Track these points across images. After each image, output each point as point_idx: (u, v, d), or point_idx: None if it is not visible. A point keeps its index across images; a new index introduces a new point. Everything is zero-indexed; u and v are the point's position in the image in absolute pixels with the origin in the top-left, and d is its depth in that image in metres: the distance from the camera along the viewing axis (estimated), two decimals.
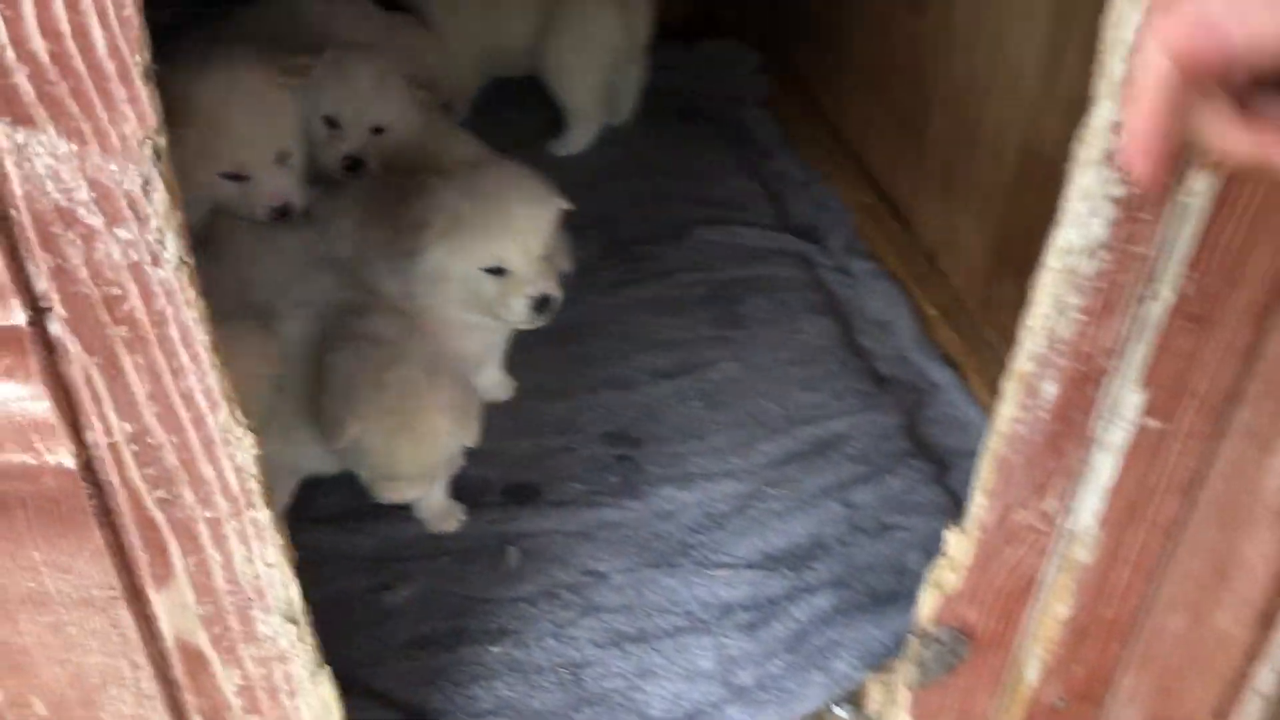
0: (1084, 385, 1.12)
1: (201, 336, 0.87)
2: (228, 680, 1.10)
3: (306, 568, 1.57)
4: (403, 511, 1.65)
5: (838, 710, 1.48)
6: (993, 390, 1.88)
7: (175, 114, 1.63)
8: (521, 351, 1.89)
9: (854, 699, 1.49)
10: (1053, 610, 1.34)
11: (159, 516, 0.96)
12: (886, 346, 2.03)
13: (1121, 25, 0.89)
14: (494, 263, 1.61)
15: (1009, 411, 1.13)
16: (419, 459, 1.50)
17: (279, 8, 2.05)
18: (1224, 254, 1.04)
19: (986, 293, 2.01)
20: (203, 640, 1.06)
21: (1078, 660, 1.41)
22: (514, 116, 2.50)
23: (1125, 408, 1.15)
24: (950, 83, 2.06)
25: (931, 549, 1.60)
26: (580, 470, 1.76)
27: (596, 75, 2.45)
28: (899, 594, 1.56)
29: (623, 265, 2.18)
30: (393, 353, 1.50)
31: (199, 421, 0.91)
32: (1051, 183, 1.22)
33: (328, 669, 1.13)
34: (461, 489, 1.69)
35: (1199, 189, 0.98)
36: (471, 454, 1.59)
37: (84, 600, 1.00)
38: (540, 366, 1.91)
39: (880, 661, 1.47)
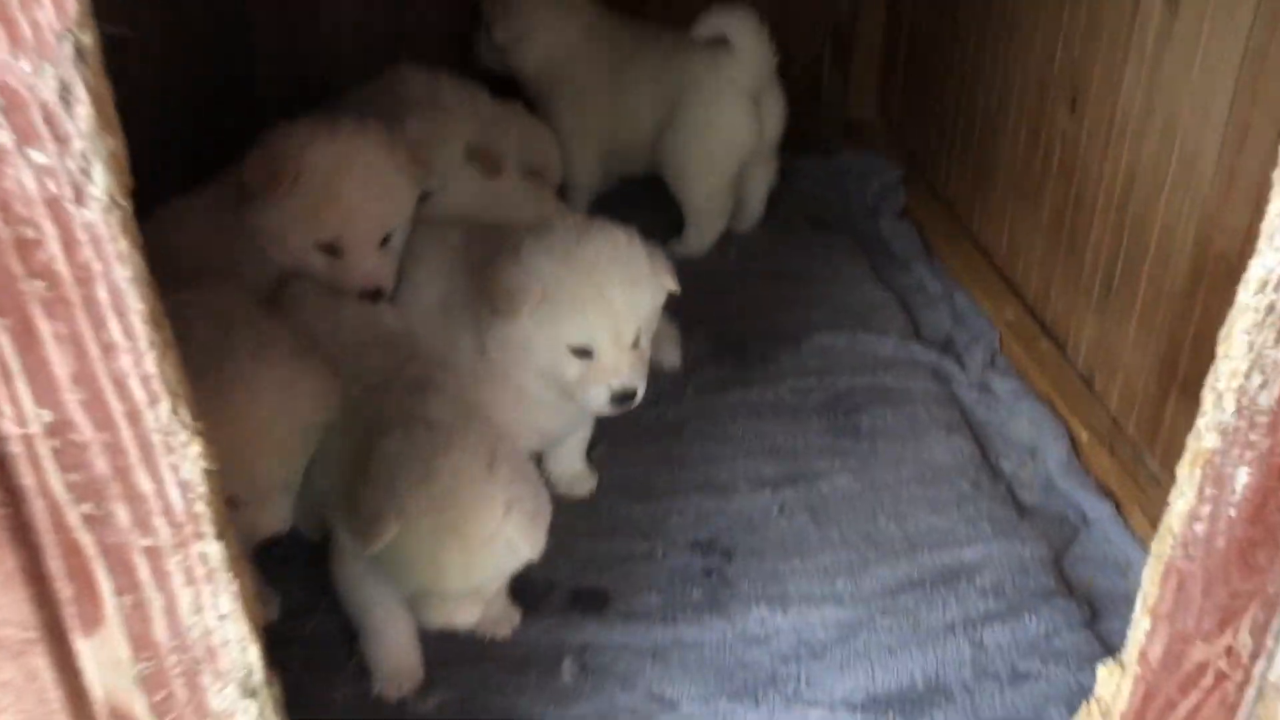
0: None
1: (137, 304, 0.69)
2: None
3: (318, 658, 1.40)
4: None
5: None
6: (1157, 527, 1.57)
7: (284, 174, 1.58)
8: (608, 442, 1.69)
9: None
10: None
11: (85, 538, 0.77)
12: (1031, 472, 1.75)
13: None
14: (582, 342, 1.44)
15: (1186, 505, 0.87)
16: (470, 571, 1.23)
17: (386, 90, 1.98)
18: None
19: (1151, 416, 1.72)
20: (139, 708, 0.86)
21: None
22: (632, 216, 2.36)
23: None
24: (1112, 182, 1.82)
25: (1076, 704, 1.29)
26: (660, 580, 1.53)
27: (722, 175, 2.30)
28: None
29: (731, 366, 1.98)
30: (448, 438, 1.26)
31: (134, 416, 0.73)
32: (1228, 287, 0.95)
33: None
34: (521, 588, 1.46)
35: None
36: None
37: None
38: (627, 462, 1.71)
39: None
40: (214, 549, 0.79)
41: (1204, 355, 1.54)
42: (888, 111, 2.84)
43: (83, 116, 0.64)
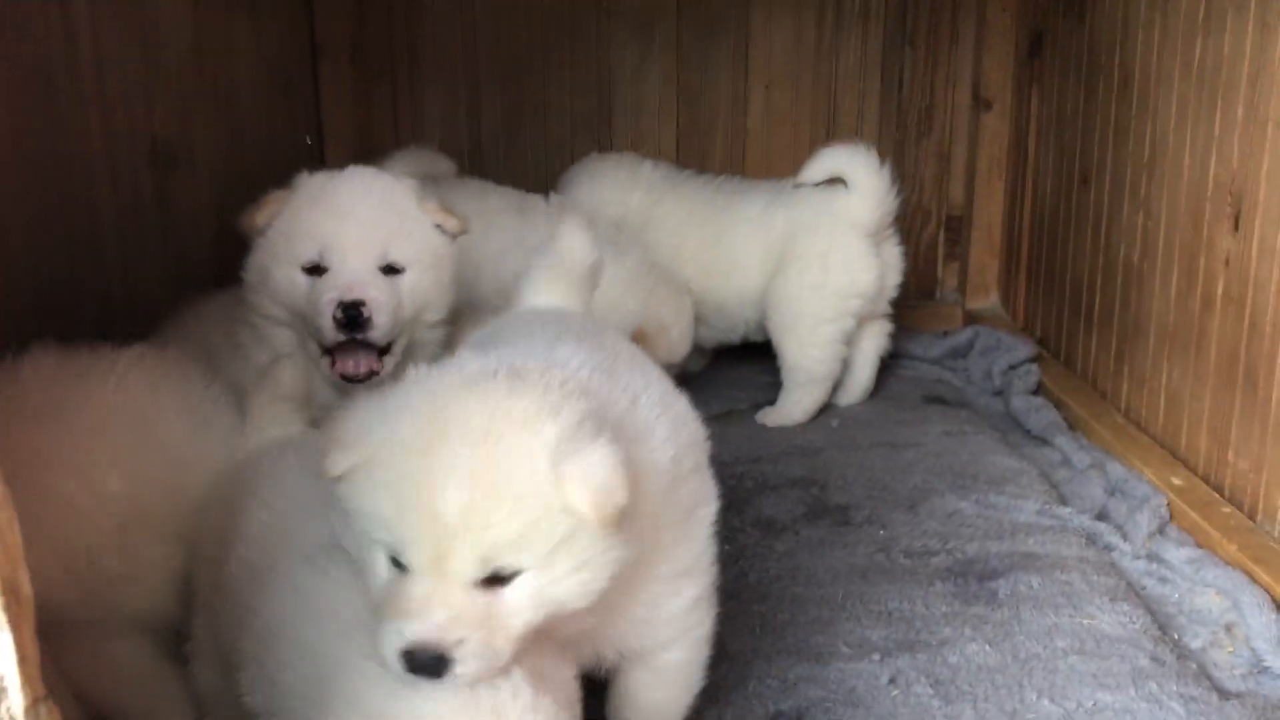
0: None
1: None
2: None
3: None
4: None
5: None
6: None
7: (269, 201, 1.37)
8: None
9: None
10: None
11: None
12: (1229, 649, 1.32)
13: None
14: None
15: None
16: None
17: None
18: None
19: None
20: None
21: None
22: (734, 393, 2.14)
23: None
24: None
25: None
26: None
27: (833, 325, 2.03)
28: None
29: (829, 526, 1.63)
30: None
31: None
32: None
33: None
34: None
35: None
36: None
37: None
38: None
39: None
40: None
41: None
42: (1011, 301, 2.57)
43: None
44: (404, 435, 0.89)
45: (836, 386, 2.11)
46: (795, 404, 2.04)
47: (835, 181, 2.04)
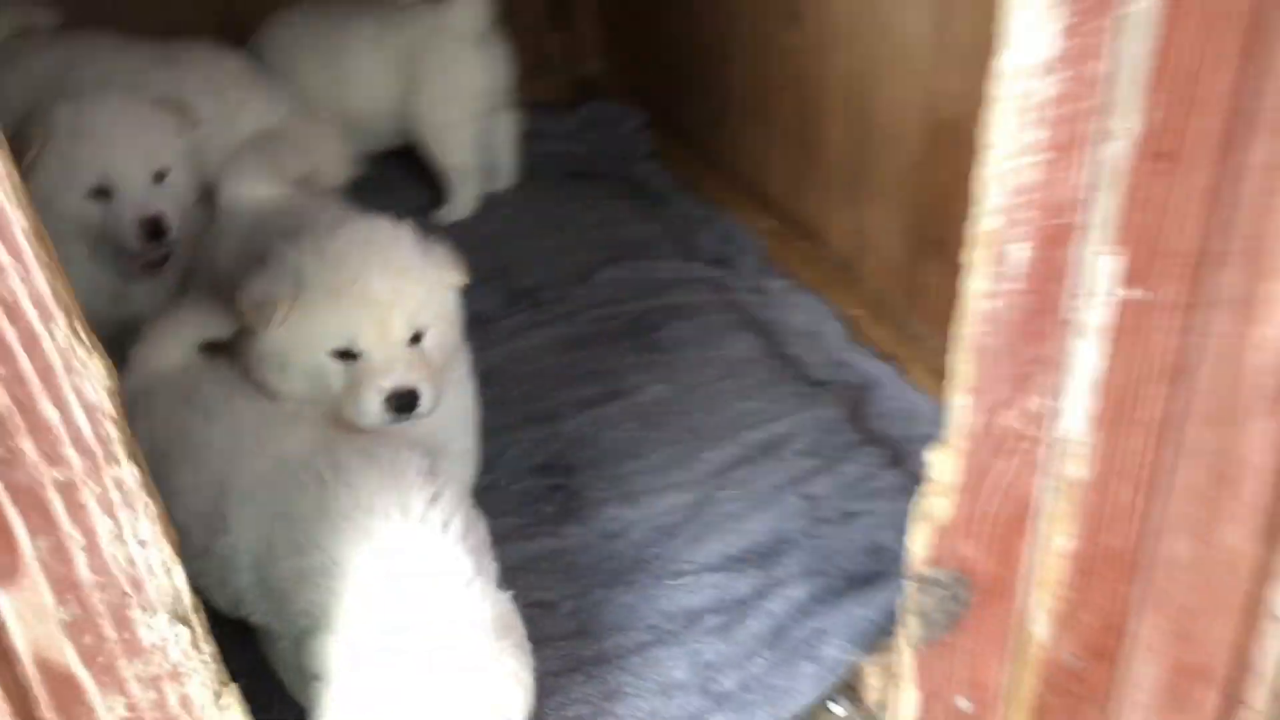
0: (1055, 246, 1.01)
1: (21, 220, 0.70)
2: (108, 712, 0.88)
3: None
4: None
5: (834, 707, 1.30)
6: (935, 377, 1.77)
7: (34, 134, 1.50)
8: None
9: (850, 692, 1.32)
10: (1054, 543, 1.20)
11: None
12: (817, 353, 1.92)
13: None
14: (343, 342, 1.30)
15: (980, 285, 1.02)
16: None
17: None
18: (1182, 72, 0.96)
19: (909, 283, 1.93)
20: (70, 656, 0.85)
21: (1087, 606, 1.27)
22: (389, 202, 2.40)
23: (1101, 274, 1.05)
24: (839, 85, 2.02)
25: (901, 528, 1.47)
26: (510, 504, 1.59)
27: (469, 126, 2.37)
28: (879, 573, 1.41)
29: (526, 311, 2.06)
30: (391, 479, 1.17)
31: (32, 340, 0.74)
32: (961, 144, 1.10)
33: (236, 687, 0.92)
34: None
35: None
36: None
37: None
38: None
39: (873, 642, 1.31)
40: (130, 472, 0.80)
41: (948, 214, 1.75)
42: (616, 65, 2.99)
43: None
44: (322, 261, 1.29)
45: (491, 175, 2.48)
46: (458, 201, 2.40)
47: None
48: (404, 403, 1.28)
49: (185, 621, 0.88)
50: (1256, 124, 1.02)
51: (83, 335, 0.75)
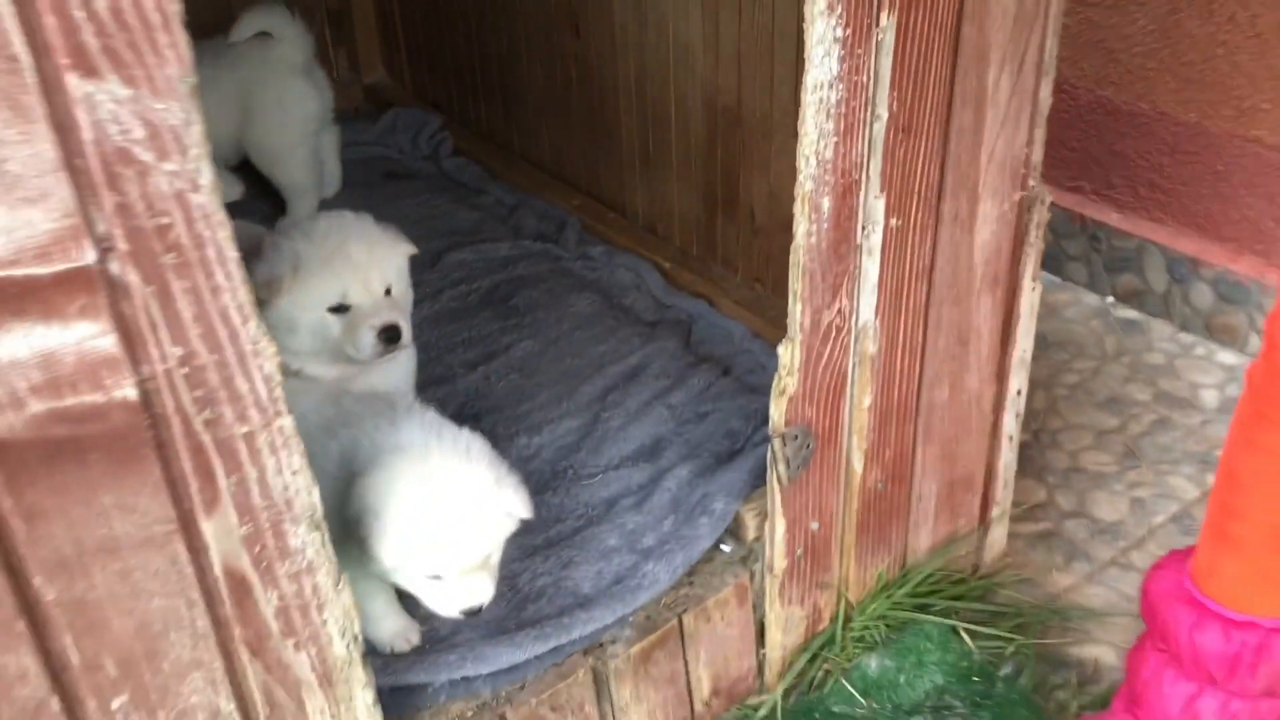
0: (847, 196, 1.51)
1: (232, 253, 1.05)
2: (267, 604, 1.22)
3: None
4: None
5: (724, 547, 1.78)
6: (740, 308, 2.29)
7: None
8: None
9: (734, 535, 1.79)
10: (863, 401, 1.72)
11: (206, 439, 1.10)
12: (644, 300, 2.38)
13: None
14: (338, 298, 1.68)
15: (803, 228, 1.51)
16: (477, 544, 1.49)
17: None
18: (911, 74, 1.48)
19: (707, 237, 2.42)
20: (246, 564, 1.19)
21: (886, 444, 1.80)
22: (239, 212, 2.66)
23: (876, 212, 1.56)
24: (628, 83, 2.47)
25: (746, 416, 1.96)
26: None
27: (304, 147, 2.67)
28: (738, 449, 1.89)
29: None
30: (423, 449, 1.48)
31: (234, 336, 1.08)
32: (736, 129, 1.89)
33: (345, 575, 1.28)
34: None
35: (886, 24, 1.41)
36: None
37: (146, 540, 1.10)
38: None
39: (746, 495, 1.79)
40: (288, 421, 1.15)
41: (731, 182, 2.26)
42: (398, 75, 3.32)
43: (195, 133, 0.98)
44: (311, 240, 1.70)
45: (320, 183, 2.78)
46: (300, 211, 2.69)
47: (262, 35, 2.57)
48: (391, 335, 1.68)
49: (318, 528, 1.23)
50: (959, 103, 1.56)
51: (263, 329, 1.10)
